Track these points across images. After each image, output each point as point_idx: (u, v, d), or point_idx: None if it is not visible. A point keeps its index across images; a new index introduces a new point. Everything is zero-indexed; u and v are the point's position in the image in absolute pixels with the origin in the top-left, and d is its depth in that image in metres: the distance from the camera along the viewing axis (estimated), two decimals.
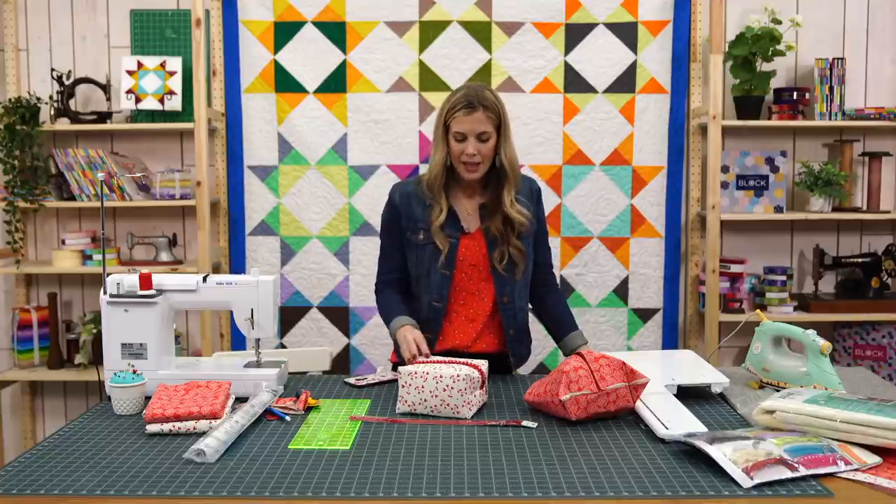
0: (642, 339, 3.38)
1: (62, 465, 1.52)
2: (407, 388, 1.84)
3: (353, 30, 3.29)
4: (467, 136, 2.11)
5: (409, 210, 2.21)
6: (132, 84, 3.27)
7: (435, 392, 1.81)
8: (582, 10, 3.26)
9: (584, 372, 1.72)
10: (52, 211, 3.48)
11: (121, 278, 1.98)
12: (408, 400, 1.84)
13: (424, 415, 1.83)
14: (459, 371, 1.82)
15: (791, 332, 1.95)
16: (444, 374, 1.81)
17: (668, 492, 1.37)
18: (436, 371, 1.82)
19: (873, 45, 3.44)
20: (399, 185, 2.28)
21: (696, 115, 3.37)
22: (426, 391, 1.82)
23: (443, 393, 1.81)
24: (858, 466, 1.45)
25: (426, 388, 1.82)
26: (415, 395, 1.83)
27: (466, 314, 2.23)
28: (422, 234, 2.19)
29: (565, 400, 1.69)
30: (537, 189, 2.30)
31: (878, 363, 3.33)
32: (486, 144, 2.12)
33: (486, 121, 2.11)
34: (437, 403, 1.81)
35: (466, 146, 2.11)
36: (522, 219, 2.17)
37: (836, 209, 3.36)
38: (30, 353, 3.38)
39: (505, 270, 2.19)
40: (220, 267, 3.39)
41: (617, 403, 1.73)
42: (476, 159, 2.12)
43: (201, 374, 1.96)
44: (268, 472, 1.47)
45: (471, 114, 2.10)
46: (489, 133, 2.12)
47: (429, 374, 1.82)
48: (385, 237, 2.28)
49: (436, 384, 1.81)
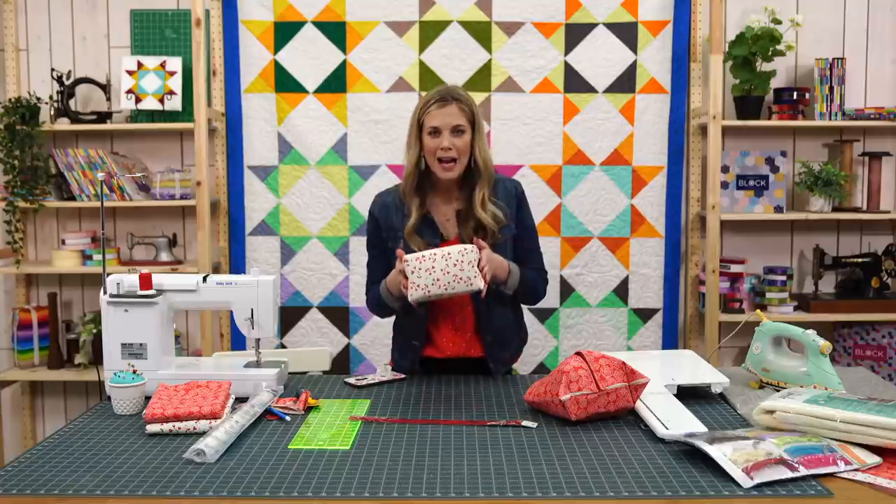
0: (642, 339, 3.38)
1: (62, 465, 1.52)
2: (417, 273, 1.85)
3: (353, 30, 3.29)
4: (441, 131, 2.10)
5: (387, 220, 2.21)
6: (132, 84, 3.27)
7: (446, 269, 1.83)
8: (582, 10, 3.26)
9: (584, 372, 1.72)
10: (52, 211, 3.48)
11: (121, 278, 1.98)
12: (419, 284, 1.85)
13: (436, 297, 1.85)
14: (465, 245, 1.86)
15: (791, 332, 1.95)
16: (450, 251, 1.84)
17: (668, 492, 1.37)
18: (442, 250, 1.85)
19: (873, 45, 3.44)
20: (379, 195, 2.29)
21: (696, 115, 3.37)
22: (437, 270, 1.83)
23: (454, 268, 1.82)
24: (858, 466, 1.45)
25: (436, 267, 1.83)
26: (426, 278, 1.84)
27: (453, 323, 2.21)
28: (401, 245, 2.16)
29: (565, 400, 1.69)
30: (520, 191, 2.25)
31: (878, 363, 3.33)
32: (461, 139, 2.11)
33: (459, 114, 2.10)
34: (451, 280, 1.83)
35: (441, 140, 2.09)
36: (492, 221, 2.13)
37: (836, 209, 3.36)
38: (30, 353, 3.38)
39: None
40: (220, 267, 3.39)
41: (617, 403, 1.73)
42: (452, 154, 2.10)
43: (201, 374, 1.96)
44: (268, 472, 1.47)
45: (444, 107, 2.10)
46: (464, 126, 2.11)
47: (436, 254, 1.85)
48: (370, 248, 2.29)
49: (445, 261, 1.84)
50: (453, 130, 2.10)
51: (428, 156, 2.14)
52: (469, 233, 2.14)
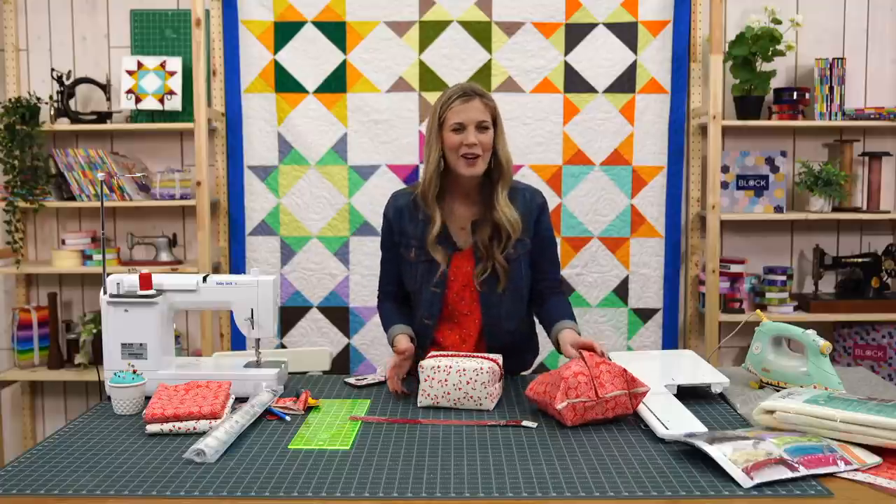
0: (642, 339, 3.38)
1: (62, 465, 1.52)
2: (430, 382, 1.86)
3: (353, 30, 3.29)
4: (466, 126, 2.03)
5: (400, 226, 2.16)
6: (132, 84, 3.27)
7: (458, 385, 1.83)
8: (582, 10, 3.26)
9: (583, 378, 1.70)
10: (52, 211, 3.48)
11: (121, 278, 1.98)
12: (430, 393, 1.86)
13: (445, 408, 1.85)
14: (482, 364, 1.85)
15: (791, 332, 1.95)
16: (466, 367, 1.84)
17: (668, 492, 1.37)
18: (458, 365, 1.84)
19: (873, 45, 3.44)
20: (394, 196, 2.21)
21: (696, 115, 3.37)
22: (450, 384, 1.84)
23: (466, 386, 1.83)
24: (858, 466, 1.45)
25: (450, 381, 1.84)
26: (438, 389, 1.85)
27: (460, 334, 2.19)
28: (413, 252, 2.13)
29: (561, 408, 1.68)
30: (541, 202, 2.18)
31: (878, 363, 3.33)
32: (485, 135, 2.04)
33: (484, 109, 2.05)
34: (461, 396, 1.83)
35: (466, 136, 2.02)
36: (510, 223, 2.07)
37: (836, 209, 3.36)
38: (30, 353, 3.38)
39: (485, 286, 2.11)
40: (220, 267, 3.39)
41: (615, 410, 1.72)
42: (476, 150, 2.03)
43: (201, 374, 1.96)
44: (268, 472, 1.47)
45: (468, 102, 2.04)
46: (488, 123, 2.05)
47: (451, 367, 1.84)
48: (383, 249, 2.24)
49: (459, 378, 1.83)
50: (478, 126, 2.03)
51: (450, 153, 2.05)
52: (484, 240, 2.09)
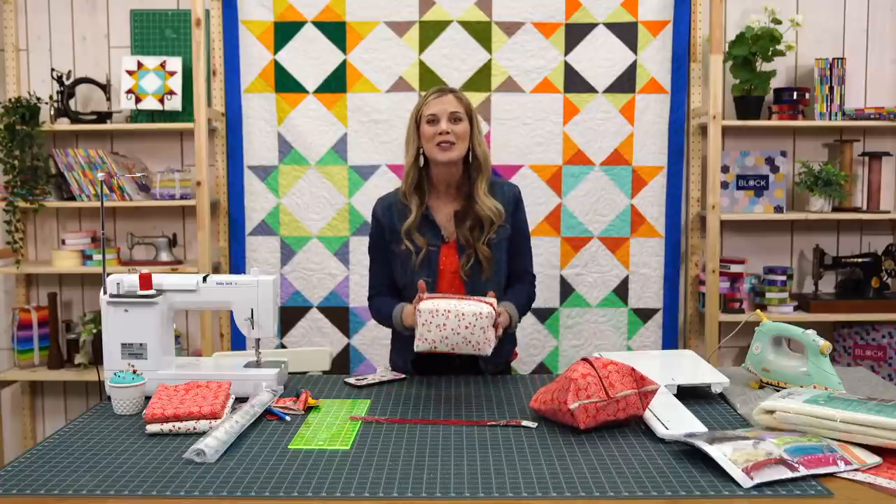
0: (642, 339, 3.38)
1: (62, 465, 1.52)
2: (427, 326, 1.84)
3: (353, 30, 3.29)
4: (439, 117, 2.15)
5: (390, 222, 2.24)
6: (132, 84, 3.27)
7: (457, 330, 1.82)
8: (582, 10, 3.26)
9: (592, 379, 1.67)
10: (52, 211, 3.48)
11: (121, 278, 1.98)
12: (428, 338, 1.84)
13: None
14: (480, 308, 1.83)
15: (791, 332, 1.96)
16: (465, 311, 1.82)
17: (668, 492, 1.37)
18: (457, 309, 1.83)
19: (873, 45, 3.44)
20: (380, 199, 2.32)
21: (696, 115, 3.37)
22: (448, 329, 1.82)
23: (465, 330, 1.82)
24: (858, 466, 1.45)
25: (448, 325, 1.82)
26: (436, 333, 1.83)
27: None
28: (403, 245, 2.20)
29: (574, 408, 1.64)
30: (517, 194, 2.30)
31: (878, 363, 3.33)
32: (458, 126, 2.16)
33: (457, 103, 2.18)
34: (459, 341, 1.83)
35: (439, 126, 2.14)
36: (491, 213, 2.17)
37: (836, 209, 3.36)
38: (30, 353, 3.38)
39: (470, 275, 2.18)
40: (220, 267, 3.39)
41: (627, 411, 1.69)
42: (450, 138, 2.15)
43: (201, 374, 1.96)
44: (268, 472, 1.47)
45: (441, 97, 2.18)
46: (461, 114, 2.17)
47: (450, 311, 1.83)
48: (372, 252, 2.31)
49: (458, 322, 1.82)
50: (451, 117, 2.16)
51: (426, 144, 2.18)
52: (466, 233, 2.18)
